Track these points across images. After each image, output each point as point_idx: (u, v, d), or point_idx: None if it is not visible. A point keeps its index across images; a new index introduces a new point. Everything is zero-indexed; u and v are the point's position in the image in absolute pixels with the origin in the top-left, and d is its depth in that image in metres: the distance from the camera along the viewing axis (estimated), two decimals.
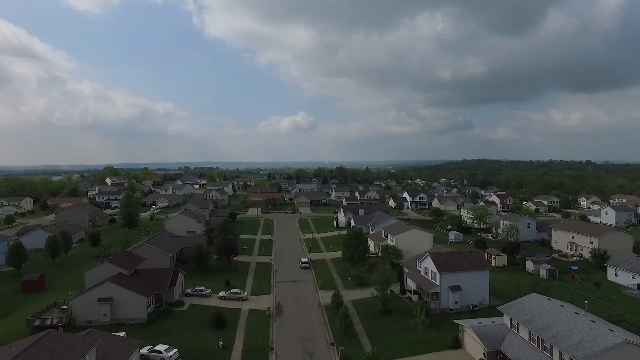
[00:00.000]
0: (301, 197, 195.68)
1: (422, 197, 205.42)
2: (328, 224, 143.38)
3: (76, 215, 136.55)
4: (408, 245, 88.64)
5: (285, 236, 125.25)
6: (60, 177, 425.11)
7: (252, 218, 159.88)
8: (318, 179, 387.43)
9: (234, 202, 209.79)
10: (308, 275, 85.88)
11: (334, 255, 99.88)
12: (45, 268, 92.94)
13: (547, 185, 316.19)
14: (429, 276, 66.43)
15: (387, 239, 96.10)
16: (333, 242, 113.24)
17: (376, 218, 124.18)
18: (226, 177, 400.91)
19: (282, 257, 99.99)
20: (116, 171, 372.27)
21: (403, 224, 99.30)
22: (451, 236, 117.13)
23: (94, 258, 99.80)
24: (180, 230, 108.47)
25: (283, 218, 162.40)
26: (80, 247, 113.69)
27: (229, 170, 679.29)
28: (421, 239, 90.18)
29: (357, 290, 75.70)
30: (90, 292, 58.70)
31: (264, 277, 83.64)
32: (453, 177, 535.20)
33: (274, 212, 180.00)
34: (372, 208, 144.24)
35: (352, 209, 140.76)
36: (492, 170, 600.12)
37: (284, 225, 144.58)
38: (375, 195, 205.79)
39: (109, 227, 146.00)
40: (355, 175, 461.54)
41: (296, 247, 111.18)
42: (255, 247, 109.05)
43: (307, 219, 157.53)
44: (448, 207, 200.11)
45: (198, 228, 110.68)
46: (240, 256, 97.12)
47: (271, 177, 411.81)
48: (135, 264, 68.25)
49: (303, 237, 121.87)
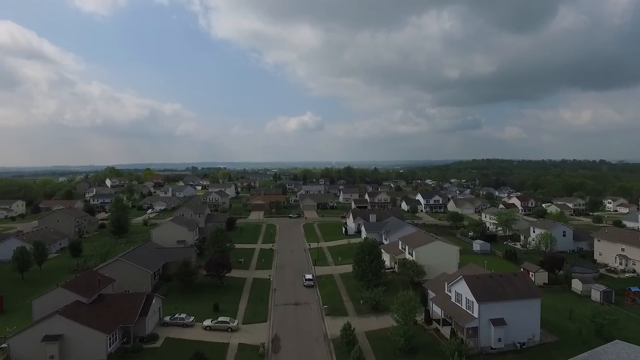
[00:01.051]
0: (307, 200, 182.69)
1: (437, 199, 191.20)
2: (336, 231, 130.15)
3: (60, 220, 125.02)
4: (431, 260, 75.18)
5: (288, 245, 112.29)
6: (64, 178, 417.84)
7: (254, 223, 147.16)
8: (325, 179, 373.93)
9: (236, 205, 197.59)
10: (312, 295, 72.79)
11: (343, 270, 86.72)
12: (12, 285, 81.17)
13: (566, 185, 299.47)
14: (462, 304, 52.97)
15: (404, 251, 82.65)
16: (342, 253, 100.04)
17: (390, 225, 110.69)
18: (230, 178, 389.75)
19: (283, 271, 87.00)
20: (118, 172, 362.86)
21: (423, 234, 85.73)
22: (476, 246, 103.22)
23: (71, 272, 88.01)
24: (169, 240, 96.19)
25: (287, 223, 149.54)
26: (59, 258, 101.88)
27: (235, 170, 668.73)
28: (446, 252, 76.60)
29: (371, 317, 62.50)
30: (34, 328, 46.23)
31: (260, 299, 70.68)
32: (464, 177, 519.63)
33: (278, 216, 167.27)
34: (384, 212, 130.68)
35: (363, 214, 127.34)
36: (504, 170, 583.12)
37: (287, 232, 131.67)
38: (386, 198, 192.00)
39: (98, 233, 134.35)
40: (364, 175, 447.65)
41: (300, 258, 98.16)
42: (253, 259, 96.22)
43: (313, 224, 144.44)
44: (465, 210, 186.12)
45: (189, 237, 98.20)
46: (236, 270, 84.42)
47: (277, 177, 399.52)
48: (100, 288, 55.72)
49: (308, 246, 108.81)
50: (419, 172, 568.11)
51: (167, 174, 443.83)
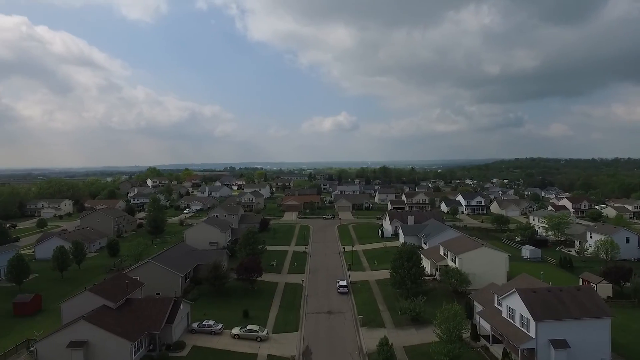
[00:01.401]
0: (342, 201, 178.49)
1: (479, 200, 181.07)
2: (372, 233, 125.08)
3: (100, 220, 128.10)
4: (476, 268, 68.87)
5: (321, 248, 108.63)
6: (111, 178, 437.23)
7: (287, 224, 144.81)
8: (360, 179, 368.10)
9: (270, 206, 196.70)
10: (347, 303, 68.56)
11: (379, 275, 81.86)
12: (52, 283, 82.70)
13: (622, 186, 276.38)
14: (516, 321, 46.93)
15: (446, 257, 76.61)
16: (378, 257, 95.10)
17: (429, 228, 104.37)
18: (266, 178, 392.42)
19: (316, 276, 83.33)
20: (159, 172, 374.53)
21: (467, 239, 79.22)
22: (525, 252, 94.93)
23: (107, 272, 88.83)
24: (202, 241, 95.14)
25: (321, 224, 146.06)
26: (97, 258, 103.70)
27: (271, 170, 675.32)
28: (493, 260, 69.97)
29: (410, 329, 57.44)
30: (60, 333, 45.08)
31: (291, 306, 67.32)
32: (507, 177, 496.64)
33: (312, 217, 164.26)
34: (422, 214, 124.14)
35: (400, 216, 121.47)
36: (550, 170, 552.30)
37: (321, 234, 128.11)
38: (424, 199, 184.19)
39: (136, 233, 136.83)
40: (400, 175, 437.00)
41: (334, 262, 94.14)
42: (286, 262, 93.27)
43: (347, 226, 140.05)
44: (510, 212, 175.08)
45: (221, 239, 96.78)
46: (268, 274, 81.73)
47: (312, 177, 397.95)
48: (128, 292, 54.30)
49: (342, 249, 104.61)
50: (458, 171, 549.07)
51: (205, 174, 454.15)
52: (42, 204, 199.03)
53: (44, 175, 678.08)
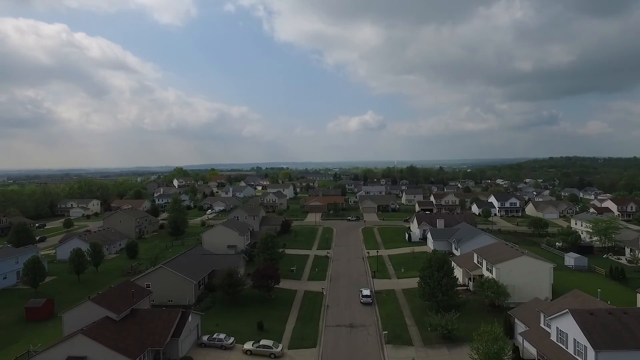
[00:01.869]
0: (367, 202, 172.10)
1: (514, 202, 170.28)
2: (398, 237, 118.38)
3: (122, 221, 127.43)
4: (515, 279, 61.66)
5: (344, 252, 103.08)
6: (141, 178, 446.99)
7: (310, 226, 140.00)
8: (387, 179, 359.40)
9: (294, 206, 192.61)
10: (370, 315, 62.84)
11: (406, 284, 75.62)
12: (68, 286, 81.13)
13: None
14: (569, 347, 40.04)
15: (481, 266, 69.53)
16: (405, 264, 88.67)
17: (461, 232, 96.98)
18: (291, 178, 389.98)
19: (337, 284, 77.92)
20: (185, 172, 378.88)
21: (505, 246, 71.73)
22: (569, 260, 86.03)
23: (124, 274, 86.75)
24: (220, 245, 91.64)
25: (345, 227, 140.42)
26: (116, 260, 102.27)
27: (297, 170, 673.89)
28: (536, 270, 62.42)
29: (442, 348, 51.21)
30: (58, 348, 41.72)
31: (310, 317, 62.22)
32: (540, 177, 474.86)
33: (336, 218, 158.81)
34: (453, 217, 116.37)
35: (429, 219, 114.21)
36: (587, 169, 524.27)
37: (344, 237, 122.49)
38: (454, 200, 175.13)
39: (158, 234, 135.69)
40: (428, 175, 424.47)
41: (357, 268, 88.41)
42: (306, 268, 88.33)
43: (372, 229, 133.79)
44: (548, 215, 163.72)
45: (240, 242, 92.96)
46: (286, 281, 77.08)
47: (337, 177, 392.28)
48: (133, 302, 50.69)
49: (367, 254, 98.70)
50: (488, 171, 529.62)
51: (230, 174, 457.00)
52: (72, 203, 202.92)
53: (80, 175, 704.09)
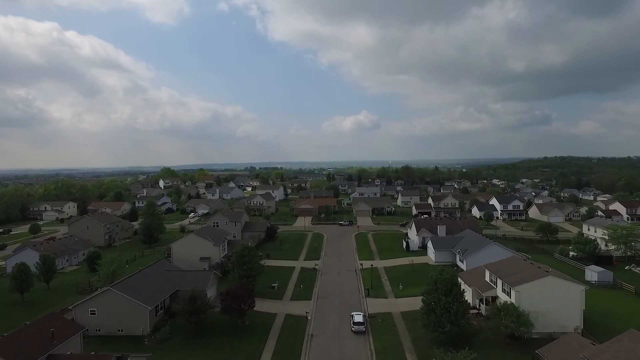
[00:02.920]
0: (361, 205, 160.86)
1: (517, 204, 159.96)
2: (395, 245, 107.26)
3: (90, 227, 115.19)
4: (539, 304, 50.72)
5: (335, 263, 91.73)
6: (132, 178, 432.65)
7: (298, 232, 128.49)
8: (381, 179, 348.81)
9: (283, 209, 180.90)
10: (364, 349, 51.46)
11: (405, 305, 64.46)
12: (8, 309, 68.61)
13: None
14: None
15: (495, 286, 58.51)
16: (403, 278, 77.53)
17: (466, 241, 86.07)
18: (283, 179, 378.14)
19: (325, 304, 66.50)
20: (173, 172, 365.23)
21: (521, 262, 60.75)
22: (591, 274, 75.13)
23: (79, 292, 74.73)
24: (191, 257, 79.88)
25: (337, 232, 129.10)
26: (75, 273, 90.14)
27: (291, 170, 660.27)
28: (564, 293, 51.46)
29: None
30: None
31: (289, 352, 50.68)
32: (536, 177, 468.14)
33: (327, 222, 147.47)
34: (455, 223, 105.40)
35: (429, 226, 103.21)
36: (582, 169, 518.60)
37: (336, 245, 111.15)
38: (453, 202, 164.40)
39: (131, 241, 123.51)
40: (423, 175, 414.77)
41: (348, 284, 77.07)
42: (290, 283, 76.84)
43: (366, 235, 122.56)
44: (553, 218, 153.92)
45: (215, 253, 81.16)
46: (265, 301, 65.74)
47: (331, 177, 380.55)
48: (54, 345, 38.83)
49: (360, 266, 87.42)
50: (483, 171, 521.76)
51: (219, 174, 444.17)
52: (45, 206, 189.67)
53: (71, 175, 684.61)
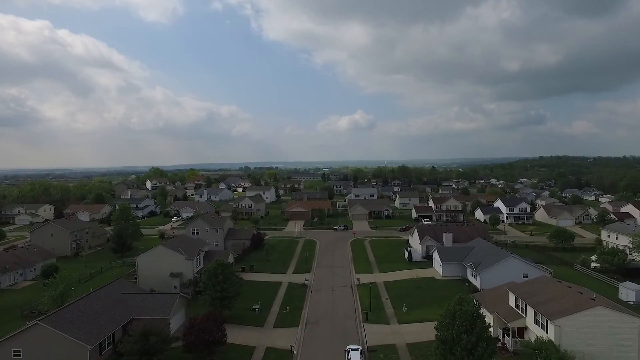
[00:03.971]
0: (357, 207, 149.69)
1: (524, 207, 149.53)
2: (395, 253, 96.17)
3: (55, 234, 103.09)
4: (586, 343, 39.87)
5: (328, 277, 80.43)
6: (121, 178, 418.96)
7: (288, 239, 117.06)
8: (378, 179, 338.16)
9: (274, 212, 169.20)
10: None
11: (411, 334, 53.29)
12: None
13: None
14: None
15: (524, 314, 47.47)
16: (408, 297, 66.41)
17: (478, 252, 75.14)
18: (276, 179, 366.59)
19: (315, 334, 55.10)
20: (162, 172, 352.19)
21: (556, 284, 49.64)
22: (627, 293, 63.94)
23: (24, 315, 63.09)
24: (159, 273, 68.28)
25: (331, 239, 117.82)
26: (30, 290, 77.85)
27: (287, 170, 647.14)
28: (617, 328, 40.60)
29: None
30: None
31: None
32: (534, 177, 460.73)
33: (321, 227, 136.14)
34: (463, 231, 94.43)
35: (433, 233, 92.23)
36: (579, 169, 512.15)
37: (329, 254, 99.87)
38: (456, 205, 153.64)
39: (103, 249, 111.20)
40: (420, 175, 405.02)
41: (343, 304, 65.78)
42: (274, 304, 65.44)
43: (363, 242, 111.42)
44: (562, 221, 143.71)
45: (187, 268, 69.48)
46: (244, 329, 54.51)
47: (326, 178, 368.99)
48: None
49: (356, 281, 76.19)
50: (480, 170, 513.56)
51: (210, 175, 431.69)
52: (19, 209, 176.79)
53: (63, 175, 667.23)
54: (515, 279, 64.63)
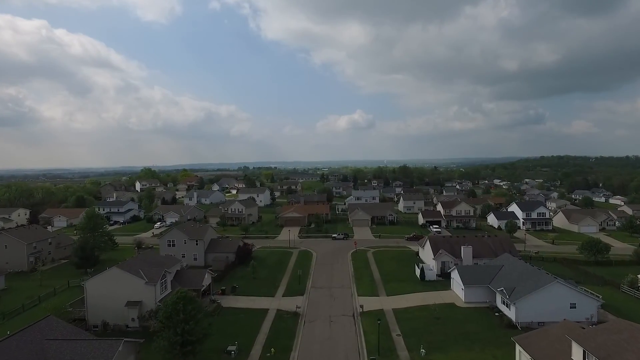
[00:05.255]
0: (358, 213, 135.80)
1: (542, 212, 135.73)
2: (404, 269, 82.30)
3: (9, 246, 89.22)
4: None
5: (325, 302, 66.58)
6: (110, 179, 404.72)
7: (281, 250, 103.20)
8: (379, 180, 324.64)
9: (268, 216, 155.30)
10: None
11: None
12: None
13: None
14: None
15: None
16: (424, 332, 52.66)
17: (508, 272, 61.37)
18: (273, 180, 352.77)
19: None
20: (153, 173, 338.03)
21: None
22: None
23: None
24: (113, 302, 54.39)
25: (329, 249, 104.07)
26: None
27: (286, 170, 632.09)
28: None
29: None
30: None
31: None
32: (535, 177, 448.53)
33: (318, 235, 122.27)
34: (484, 243, 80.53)
35: (449, 246, 78.42)
36: (582, 168, 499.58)
37: (327, 269, 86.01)
38: (467, 210, 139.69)
39: (68, 262, 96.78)
40: (422, 175, 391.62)
41: (344, 342, 51.93)
42: (257, 342, 51.60)
43: (366, 254, 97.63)
44: (584, 228, 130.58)
45: (148, 295, 55.48)
46: None
47: (324, 178, 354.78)
48: None
49: (359, 307, 62.41)
50: (482, 170, 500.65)
51: (208, 175, 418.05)
52: None
53: (60, 176, 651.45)
54: (561, 309, 51.39)
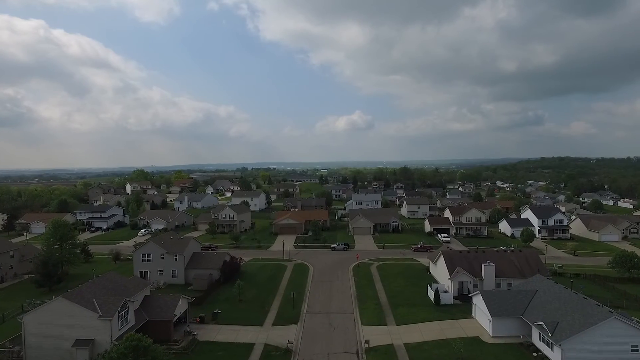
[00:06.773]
0: (359, 220, 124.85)
1: (560, 219, 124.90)
2: (413, 289, 71.38)
3: None
4: None
5: (323, 333, 55.60)
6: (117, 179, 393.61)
7: (273, 263, 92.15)
8: (379, 182, 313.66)
9: (263, 223, 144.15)
10: None
11: None
12: None
13: None
14: None
15: None
16: None
17: (543, 300, 50.55)
18: (270, 181, 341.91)
19: None
20: (146, 175, 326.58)
21: None
22: None
23: None
24: (58, 340, 43.30)
25: (328, 262, 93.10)
26: None
27: (284, 171, 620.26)
28: None
29: None
30: None
31: None
32: (537, 178, 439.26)
33: (316, 244, 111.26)
34: (507, 260, 69.68)
35: (467, 264, 67.55)
36: (584, 170, 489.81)
37: (325, 288, 74.98)
38: (478, 216, 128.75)
39: (29, 279, 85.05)
40: (423, 177, 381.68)
41: None
42: None
43: (369, 268, 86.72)
44: (605, 236, 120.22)
45: (102, 332, 44.49)
46: None
47: (323, 180, 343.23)
48: None
49: (364, 342, 51.49)
50: (483, 172, 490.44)
51: (204, 176, 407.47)
52: None
53: (57, 177, 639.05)
54: (619, 354, 40.57)
